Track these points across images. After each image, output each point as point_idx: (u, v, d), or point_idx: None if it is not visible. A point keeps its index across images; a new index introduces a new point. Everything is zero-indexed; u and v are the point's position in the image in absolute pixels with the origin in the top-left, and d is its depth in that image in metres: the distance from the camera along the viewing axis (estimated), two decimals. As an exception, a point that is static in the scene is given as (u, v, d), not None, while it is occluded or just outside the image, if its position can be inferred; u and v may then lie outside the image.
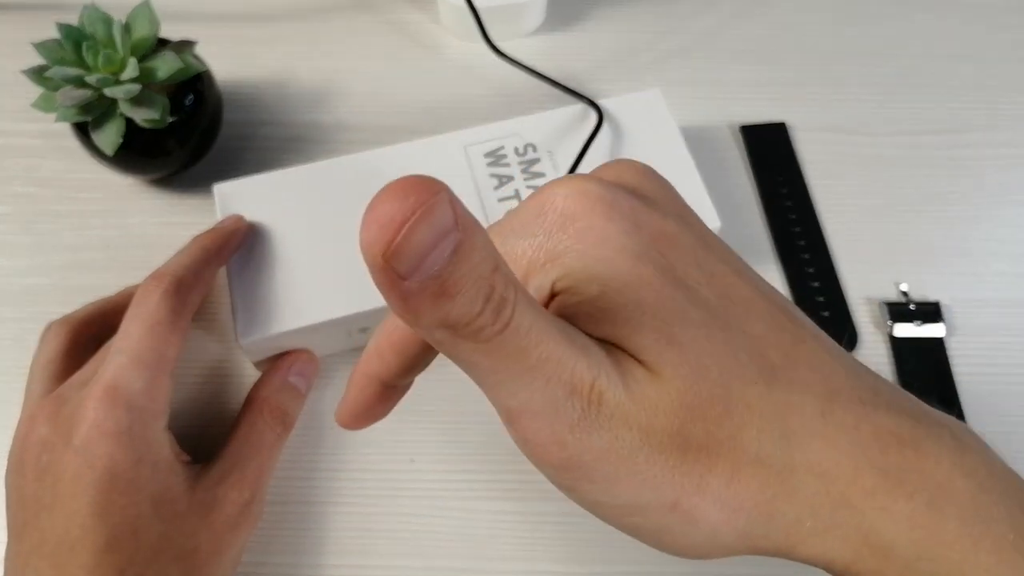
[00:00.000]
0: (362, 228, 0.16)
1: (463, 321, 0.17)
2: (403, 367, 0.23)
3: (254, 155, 0.45)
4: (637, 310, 0.20)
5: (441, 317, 0.17)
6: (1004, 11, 0.51)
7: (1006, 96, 0.48)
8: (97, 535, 0.28)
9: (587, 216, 0.20)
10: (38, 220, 0.43)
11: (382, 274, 0.16)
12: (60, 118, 0.37)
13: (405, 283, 0.16)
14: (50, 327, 0.35)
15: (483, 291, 0.17)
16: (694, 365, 0.20)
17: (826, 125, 0.47)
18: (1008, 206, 0.44)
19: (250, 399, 0.35)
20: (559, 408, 0.19)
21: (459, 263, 0.16)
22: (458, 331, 0.17)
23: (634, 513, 0.21)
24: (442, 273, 0.16)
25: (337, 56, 0.49)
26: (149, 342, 0.31)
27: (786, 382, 0.20)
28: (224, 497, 0.32)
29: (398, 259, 0.15)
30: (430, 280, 0.16)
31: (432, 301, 0.16)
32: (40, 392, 0.32)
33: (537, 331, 0.18)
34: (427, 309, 0.17)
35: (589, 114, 0.41)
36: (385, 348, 0.23)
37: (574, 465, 0.20)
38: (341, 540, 0.35)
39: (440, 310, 0.17)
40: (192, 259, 0.34)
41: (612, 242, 0.20)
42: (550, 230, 0.21)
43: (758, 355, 0.20)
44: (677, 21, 0.51)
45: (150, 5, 0.38)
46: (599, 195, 0.21)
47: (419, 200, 0.15)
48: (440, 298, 0.16)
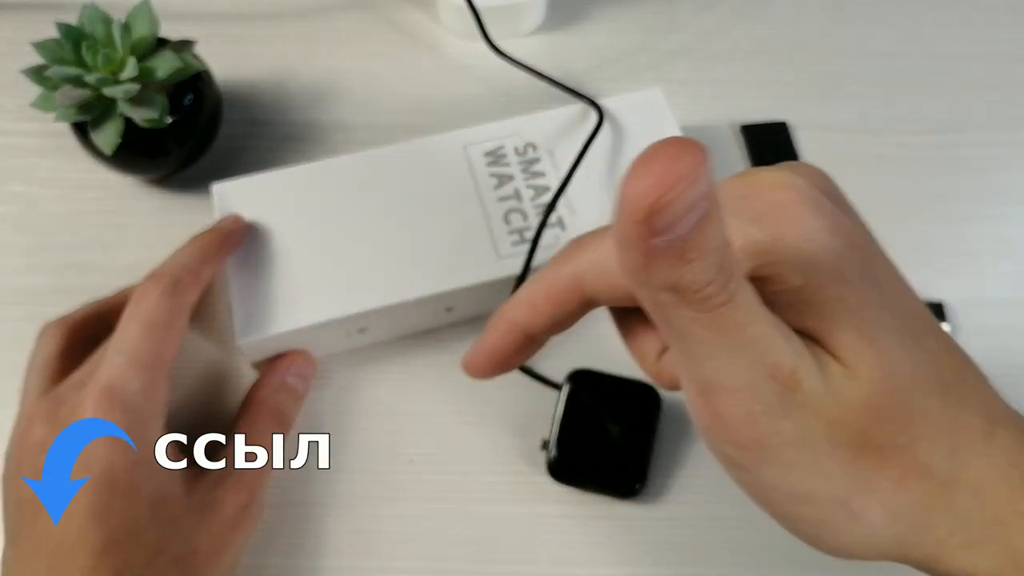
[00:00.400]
0: (630, 178, 0.16)
1: (693, 287, 0.18)
2: (554, 321, 0.24)
3: (253, 154, 0.45)
4: (840, 307, 0.21)
5: (675, 279, 0.18)
6: (1007, 10, 0.51)
7: (1009, 95, 0.48)
8: (94, 537, 0.28)
9: (796, 208, 0.21)
10: (36, 219, 0.43)
11: (637, 227, 0.16)
12: (59, 117, 0.37)
13: (652, 240, 0.17)
14: (47, 327, 0.35)
15: (716, 261, 0.18)
16: (888, 370, 0.21)
17: (827, 124, 0.46)
18: (1012, 205, 0.44)
19: (248, 400, 0.35)
20: (757, 388, 0.20)
21: (703, 230, 0.17)
22: (684, 296, 0.18)
23: (802, 503, 0.21)
24: (687, 237, 0.17)
25: (336, 55, 0.49)
26: (146, 343, 0.31)
27: (957, 400, 0.21)
28: (223, 499, 0.31)
29: (660, 216, 0.16)
30: (677, 241, 0.17)
31: (671, 262, 0.17)
32: (37, 392, 0.32)
33: (753, 310, 0.19)
34: (664, 269, 0.17)
35: (589, 114, 0.41)
36: (540, 299, 0.24)
37: (758, 446, 0.20)
38: (340, 542, 0.35)
39: (675, 272, 0.17)
40: (190, 258, 0.34)
41: (819, 238, 0.20)
42: (756, 216, 0.21)
43: (935, 370, 0.21)
44: (677, 20, 0.50)
45: (149, 5, 0.38)
46: (806, 191, 0.21)
47: (691, 163, 0.16)
48: (678, 261, 0.17)
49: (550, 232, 0.37)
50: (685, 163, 0.16)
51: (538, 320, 0.24)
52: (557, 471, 0.35)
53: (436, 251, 0.37)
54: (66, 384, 0.32)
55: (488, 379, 0.26)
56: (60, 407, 0.30)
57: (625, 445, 0.35)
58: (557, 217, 0.38)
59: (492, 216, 0.38)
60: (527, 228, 0.38)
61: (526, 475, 0.36)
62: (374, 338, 0.39)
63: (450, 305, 0.38)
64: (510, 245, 0.37)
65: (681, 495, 0.36)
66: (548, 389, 0.37)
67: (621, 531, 0.35)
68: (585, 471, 0.35)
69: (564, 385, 0.37)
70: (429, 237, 0.37)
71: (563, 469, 0.35)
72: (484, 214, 0.38)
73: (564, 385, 0.37)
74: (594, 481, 0.35)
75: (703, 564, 0.35)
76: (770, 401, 0.20)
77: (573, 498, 0.36)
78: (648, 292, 0.18)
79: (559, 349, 0.39)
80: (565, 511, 0.36)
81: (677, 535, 0.35)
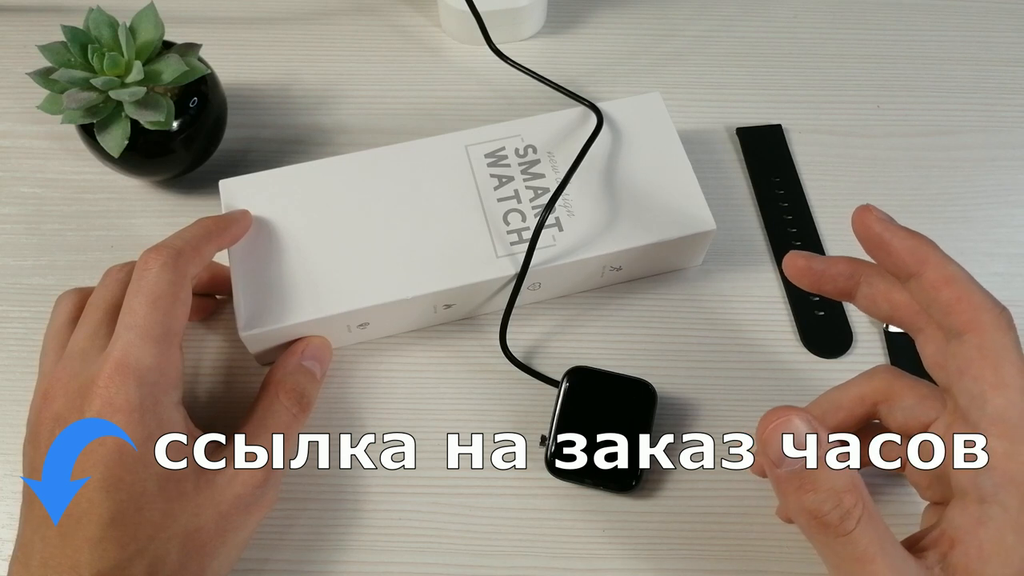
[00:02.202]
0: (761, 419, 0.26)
1: (815, 514, 0.25)
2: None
3: (257, 156, 0.46)
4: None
5: (799, 504, 0.25)
6: (999, 14, 0.52)
7: (1001, 98, 0.48)
8: (103, 509, 0.29)
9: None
10: (44, 221, 0.43)
11: (761, 456, 0.26)
12: (66, 120, 0.38)
13: (777, 469, 0.26)
14: (62, 297, 0.36)
15: (833, 498, 0.25)
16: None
17: (822, 127, 0.47)
18: (1004, 207, 0.45)
19: (265, 383, 0.36)
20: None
21: (819, 472, 0.25)
22: (811, 520, 0.25)
23: None
24: (802, 473, 0.25)
25: (340, 59, 0.49)
26: (155, 316, 0.31)
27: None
28: (234, 478, 0.32)
29: (765, 448, 0.26)
30: (793, 473, 0.25)
31: (794, 490, 0.25)
32: (51, 362, 0.33)
33: (873, 551, 0.25)
34: (789, 494, 0.26)
35: (589, 116, 0.42)
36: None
37: None
38: (342, 537, 0.36)
39: (797, 498, 0.25)
40: (191, 233, 0.34)
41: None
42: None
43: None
44: (675, 25, 0.51)
45: (154, 8, 0.39)
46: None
47: (781, 416, 0.26)
48: (799, 490, 0.25)
49: (548, 233, 0.38)
50: (777, 414, 0.26)
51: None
52: (555, 466, 0.36)
53: (437, 249, 0.38)
54: (69, 348, 0.33)
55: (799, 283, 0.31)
56: (74, 380, 0.31)
57: (622, 441, 0.36)
58: (555, 218, 0.39)
59: (492, 216, 0.39)
60: (526, 228, 0.38)
61: (525, 470, 0.37)
62: (375, 333, 0.39)
63: (450, 302, 0.38)
64: (509, 245, 0.38)
65: (676, 490, 0.37)
66: (546, 386, 0.38)
67: (618, 525, 0.36)
68: (582, 466, 0.36)
69: (562, 382, 0.37)
70: (430, 235, 0.38)
71: (561, 464, 0.36)
72: (484, 214, 0.39)
73: (562, 382, 0.37)
74: (591, 476, 0.36)
75: (698, 557, 0.35)
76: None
77: (571, 492, 0.37)
78: (790, 510, 0.26)
79: (557, 347, 0.40)
80: (563, 505, 0.36)
81: (673, 529, 0.36)
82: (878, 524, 0.25)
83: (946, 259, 0.28)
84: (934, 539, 0.27)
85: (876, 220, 0.28)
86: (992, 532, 0.25)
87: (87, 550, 0.28)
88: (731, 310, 0.41)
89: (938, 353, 0.29)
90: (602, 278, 0.40)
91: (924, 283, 0.28)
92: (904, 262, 0.28)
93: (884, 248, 0.28)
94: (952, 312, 0.27)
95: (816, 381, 0.39)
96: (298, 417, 0.35)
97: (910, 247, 0.28)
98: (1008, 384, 0.26)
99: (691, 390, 0.39)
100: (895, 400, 0.31)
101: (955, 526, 0.26)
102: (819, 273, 0.31)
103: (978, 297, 0.27)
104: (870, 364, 0.40)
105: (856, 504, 0.25)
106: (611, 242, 0.38)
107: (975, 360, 0.26)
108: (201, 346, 0.40)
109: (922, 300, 0.28)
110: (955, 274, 0.27)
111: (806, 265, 0.31)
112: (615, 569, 0.35)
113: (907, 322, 0.30)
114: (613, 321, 0.41)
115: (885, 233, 0.28)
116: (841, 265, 0.31)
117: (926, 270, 0.28)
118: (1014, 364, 0.26)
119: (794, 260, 0.31)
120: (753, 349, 0.40)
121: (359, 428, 0.38)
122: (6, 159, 0.45)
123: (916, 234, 0.28)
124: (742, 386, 0.39)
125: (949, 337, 0.28)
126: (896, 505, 0.36)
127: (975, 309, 0.27)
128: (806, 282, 0.31)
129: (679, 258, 0.41)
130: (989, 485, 0.26)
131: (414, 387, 0.39)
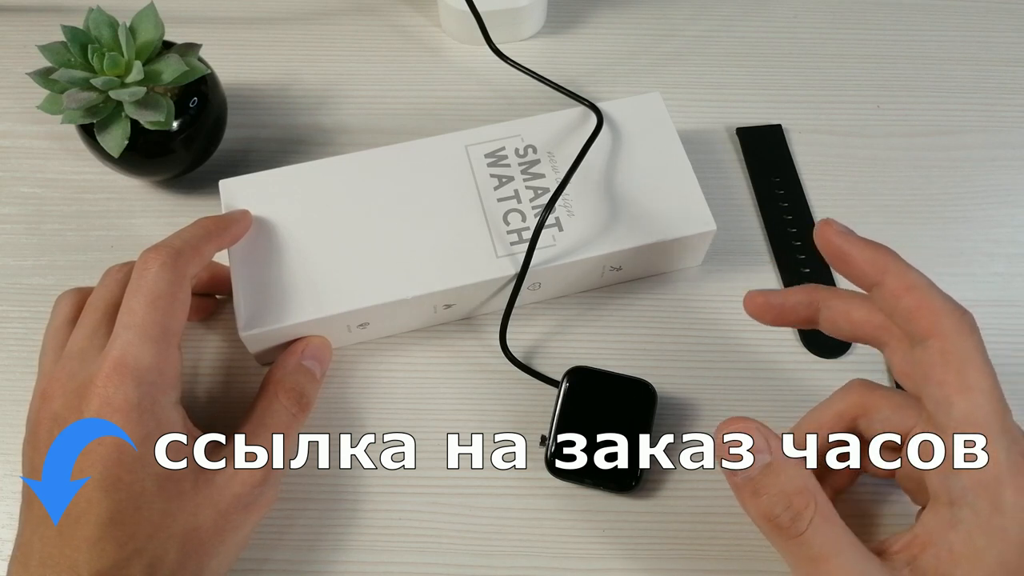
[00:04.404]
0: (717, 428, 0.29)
1: (767, 516, 0.27)
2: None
3: (257, 156, 0.46)
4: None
5: (754, 508, 0.27)
6: (999, 14, 0.52)
7: (1001, 98, 0.48)
8: (102, 508, 0.29)
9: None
10: (44, 221, 0.43)
11: (719, 464, 0.29)
12: (66, 120, 0.38)
13: (735, 476, 0.28)
14: (61, 297, 0.36)
15: (783, 500, 0.27)
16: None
17: (822, 127, 0.47)
18: (1003, 207, 0.45)
19: (265, 383, 0.36)
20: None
21: (767, 476, 0.27)
22: (765, 522, 0.27)
23: None
24: (755, 478, 0.27)
25: (340, 59, 0.49)
26: (153, 316, 0.31)
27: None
28: (232, 477, 0.32)
29: (721, 456, 0.28)
30: (747, 480, 0.27)
31: (748, 495, 0.28)
32: (50, 362, 0.33)
33: (827, 551, 0.26)
34: (746, 499, 0.28)
35: (589, 116, 0.42)
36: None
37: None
38: (342, 538, 0.36)
39: (752, 503, 0.27)
40: (191, 233, 0.35)
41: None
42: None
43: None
44: (675, 25, 0.51)
45: (155, 8, 0.39)
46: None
47: (740, 426, 0.28)
48: (753, 495, 0.27)
49: (548, 233, 0.38)
50: (730, 424, 0.28)
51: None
52: (555, 466, 0.36)
53: (436, 249, 0.38)
54: (68, 348, 0.32)
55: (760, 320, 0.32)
56: (71, 380, 0.31)
57: (622, 441, 0.36)
58: (555, 218, 0.39)
59: (492, 216, 0.39)
60: (526, 228, 0.38)
61: (525, 470, 0.37)
62: (375, 333, 0.39)
63: (450, 302, 0.38)
64: (509, 245, 0.38)
65: (676, 490, 0.37)
66: (546, 386, 0.38)
67: (618, 525, 0.36)
68: (582, 466, 0.36)
69: (562, 382, 0.37)
70: (430, 235, 0.38)
71: (561, 464, 0.36)
72: (484, 214, 0.39)
73: (562, 382, 0.37)
74: (591, 476, 0.36)
75: (698, 557, 0.35)
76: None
77: (571, 492, 0.37)
78: (750, 514, 0.28)
79: (557, 347, 0.40)
80: (563, 505, 0.36)
81: (673, 529, 0.36)
82: (834, 525, 0.26)
83: (906, 267, 0.28)
84: (906, 542, 0.27)
85: (836, 233, 0.29)
86: (962, 535, 0.26)
87: (86, 549, 0.28)
88: (731, 310, 0.41)
89: (904, 362, 0.29)
90: (602, 278, 0.40)
91: (885, 292, 0.28)
92: (865, 272, 0.29)
93: (845, 259, 0.29)
94: (914, 319, 0.27)
95: (815, 381, 0.39)
96: (298, 417, 0.35)
97: (869, 258, 0.28)
98: (972, 387, 0.26)
99: (691, 390, 0.39)
100: (872, 412, 0.31)
101: (927, 529, 0.27)
102: (778, 307, 0.32)
103: (939, 303, 0.27)
104: (869, 364, 0.40)
105: (807, 506, 0.26)
106: (611, 242, 0.38)
107: (938, 365, 0.27)
108: (201, 346, 0.40)
109: (885, 308, 0.29)
110: (915, 281, 0.28)
111: (764, 301, 0.32)
112: (615, 569, 0.35)
113: (870, 337, 0.30)
114: (613, 321, 0.41)
115: (844, 245, 0.29)
116: (798, 295, 0.32)
117: (887, 279, 0.28)
118: (978, 367, 0.26)
119: (752, 299, 0.32)
120: (753, 349, 0.40)
121: (359, 428, 0.38)
122: (6, 159, 0.45)
123: (876, 244, 0.29)
124: (742, 386, 0.39)
125: (913, 344, 0.28)
126: (897, 506, 0.36)
127: (936, 314, 0.27)
128: (768, 318, 0.32)
129: (679, 258, 0.41)
130: (959, 488, 0.26)
131: (414, 387, 0.39)
